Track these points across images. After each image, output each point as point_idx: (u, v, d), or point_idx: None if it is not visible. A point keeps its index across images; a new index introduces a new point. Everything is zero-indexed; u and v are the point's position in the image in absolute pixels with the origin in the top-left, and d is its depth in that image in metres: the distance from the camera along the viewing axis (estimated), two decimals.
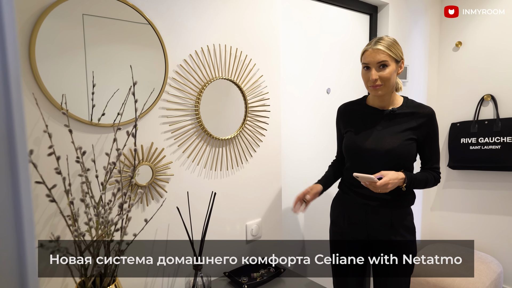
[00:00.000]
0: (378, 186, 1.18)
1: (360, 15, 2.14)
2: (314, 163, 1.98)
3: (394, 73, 1.27)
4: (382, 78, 1.25)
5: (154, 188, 1.22)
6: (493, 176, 2.48)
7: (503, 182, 2.43)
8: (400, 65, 1.29)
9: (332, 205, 1.52)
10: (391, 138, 1.29)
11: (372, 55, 1.25)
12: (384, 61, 1.24)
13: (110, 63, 1.11)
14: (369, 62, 1.26)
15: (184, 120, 1.27)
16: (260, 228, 1.58)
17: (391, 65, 1.25)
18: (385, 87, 1.27)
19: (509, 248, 2.44)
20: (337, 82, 2.05)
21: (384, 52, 1.23)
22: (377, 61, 1.24)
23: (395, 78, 1.29)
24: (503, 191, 2.44)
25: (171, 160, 1.26)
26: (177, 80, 1.24)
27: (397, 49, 1.27)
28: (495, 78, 2.40)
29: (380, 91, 1.28)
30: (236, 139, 1.45)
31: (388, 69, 1.24)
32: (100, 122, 1.09)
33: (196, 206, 1.34)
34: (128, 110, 1.11)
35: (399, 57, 1.27)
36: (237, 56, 1.41)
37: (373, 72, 1.25)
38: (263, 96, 1.52)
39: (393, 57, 1.25)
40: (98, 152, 1.07)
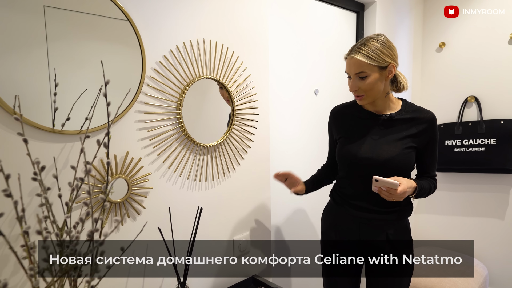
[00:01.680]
0: (398, 193, 1.07)
1: (347, 12, 2.05)
2: (303, 168, 1.86)
3: (378, 81, 1.13)
4: (362, 89, 1.13)
5: (130, 204, 1.05)
6: (477, 179, 2.46)
7: (488, 185, 2.42)
8: (390, 69, 1.14)
9: (323, 215, 1.40)
10: (389, 146, 1.18)
11: (349, 64, 1.14)
12: (362, 72, 1.11)
13: (76, 60, 0.93)
14: (348, 71, 1.15)
15: (164, 125, 1.11)
16: (248, 243, 1.44)
17: (372, 75, 1.11)
18: (368, 97, 1.16)
19: (494, 251, 2.43)
20: (325, 83, 1.94)
21: (361, 62, 1.10)
22: (354, 72, 1.13)
23: (380, 86, 1.15)
24: (488, 193, 2.42)
25: (150, 171, 1.09)
26: (156, 79, 1.07)
27: (384, 53, 1.11)
28: (478, 79, 2.38)
29: (364, 100, 1.17)
30: (223, 146, 1.30)
31: (368, 79, 1.11)
32: (65, 128, 0.91)
33: (179, 223, 1.18)
34: (98, 114, 0.94)
35: (386, 62, 1.12)
36: (223, 53, 1.26)
37: (352, 83, 1.14)
38: (251, 98, 1.38)
39: (375, 65, 1.11)
40: (61, 165, 0.89)
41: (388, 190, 1.08)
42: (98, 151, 0.87)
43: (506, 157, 2.24)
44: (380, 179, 1.07)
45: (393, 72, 1.16)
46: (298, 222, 1.87)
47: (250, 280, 1.40)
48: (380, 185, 1.08)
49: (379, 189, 1.10)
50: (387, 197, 1.10)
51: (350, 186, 1.26)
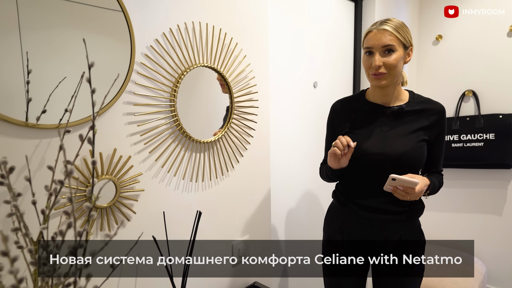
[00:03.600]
0: (416, 193, 0.98)
1: (345, 2, 1.95)
2: (300, 164, 1.76)
3: (401, 61, 1.06)
4: (387, 65, 1.03)
5: (118, 209, 0.91)
6: (475, 174, 2.42)
7: (486, 180, 2.37)
8: (409, 53, 1.09)
9: (326, 218, 1.28)
10: (401, 140, 1.08)
11: (376, 37, 1.03)
12: (391, 45, 1.02)
13: (53, 45, 0.79)
14: (373, 45, 1.04)
15: (156, 118, 0.98)
16: (248, 247, 1.32)
17: (399, 50, 1.04)
18: (389, 76, 1.05)
19: (492, 248, 2.39)
20: (323, 76, 1.84)
21: (391, 34, 1.02)
22: (382, 45, 1.02)
23: (401, 67, 1.08)
24: (486, 189, 2.38)
25: (141, 171, 0.96)
26: (146, 66, 0.94)
27: (406, 32, 1.06)
28: (476, 73, 2.33)
29: (384, 80, 1.06)
30: (221, 142, 1.17)
31: (394, 54, 1.03)
32: (40, 122, 0.77)
33: (174, 229, 1.05)
34: (80, 107, 0.80)
35: (408, 42, 1.06)
36: (221, 38, 1.13)
37: (376, 57, 1.03)
38: (250, 89, 1.25)
39: (402, 41, 1.04)
40: (36, 165, 0.74)
41: (405, 189, 0.99)
42: (81, 148, 0.73)
43: (505, 152, 2.20)
44: (398, 177, 0.97)
45: (411, 55, 1.10)
46: (299, 222, 1.77)
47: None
48: (397, 184, 0.98)
49: (394, 188, 1.00)
50: (402, 197, 1.01)
51: (358, 185, 1.16)
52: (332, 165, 1.09)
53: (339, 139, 1.04)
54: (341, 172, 1.15)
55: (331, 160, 1.08)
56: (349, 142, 1.02)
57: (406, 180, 0.97)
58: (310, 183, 1.81)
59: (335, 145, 1.04)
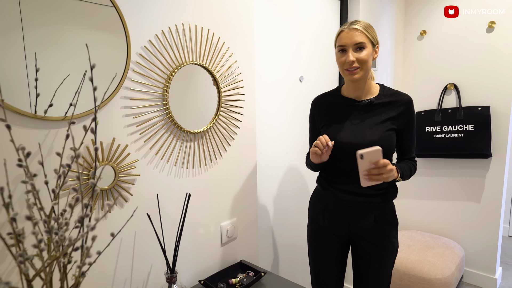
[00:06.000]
0: (385, 166, 1.08)
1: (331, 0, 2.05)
2: (287, 155, 1.88)
3: (371, 57, 1.21)
4: (360, 60, 1.17)
5: (117, 191, 1.03)
6: (456, 164, 2.55)
7: (466, 169, 2.50)
8: (376, 50, 1.24)
9: (310, 201, 1.43)
10: (371, 130, 1.22)
11: (348, 35, 1.17)
12: (362, 43, 1.17)
13: (58, 45, 0.90)
14: (346, 43, 1.18)
15: (150, 111, 1.10)
16: (236, 229, 1.45)
17: (368, 47, 1.19)
18: (362, 71, 1.20)
19: (470, 232, 2.53)
20: (310, 70, 1.95)
21: (362, 33, 1.17)
22: (354, 42, 1.17)
23: (371, 62, 1.22)
24: (465, 177, 2.51)
25: (137, 158, 1.08)
26: (141, 64, 1.06)
27: (373, 32, 1.21)
28: (458, 66, 2.45)
29: (357, 74, 1.20)
30: (209, 132, 1.30)
31: (365, 51, 1.18)
32: (47, 115, 0.89)
33: (167, 210, 1.18)
34: (83, 101, 0.92)
35: (375, 40, 1.22)
36: (209, 38, 1.25)
37: (350, 54, 1.17)
38: (237, 84, 1.37)
39: (370, 39, 1.19)
40: (46, 152, 0.87)
41: (377, 166, 1.09)
42: (85, 137, 0.85)
43: (483, 142, 2.32)
44: (363, 151, 1.07)
45: (377, 52, 1.24)
46: (285, 208, 1.90)
47: (238, 265, 1.41)
48: (366, 160, 1.08)
49: (368, 173, 1.11)
50: (379, 178, 1.11)
51: (336, 172, 1.30)
52: (315, 161, 1.22)
53: (319, 139, 1.16)
54: (323, 164, 1.29)
55: (313, 157, 1.21)
56: (328, 141, 1.15)
57: (370, 150, 1.07)
58: (296, 171, 1.94)
59: (316, 145, 1.17)
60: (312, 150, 1.19)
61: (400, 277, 2.21)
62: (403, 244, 2.46)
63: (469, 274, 2.56)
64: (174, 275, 1.07)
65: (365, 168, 1.10)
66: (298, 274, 2.04)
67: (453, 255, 2.31)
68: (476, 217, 2.50)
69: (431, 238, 2.54)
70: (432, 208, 2.71)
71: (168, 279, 1.07)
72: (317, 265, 1.40)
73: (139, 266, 1.11)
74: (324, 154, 1.18)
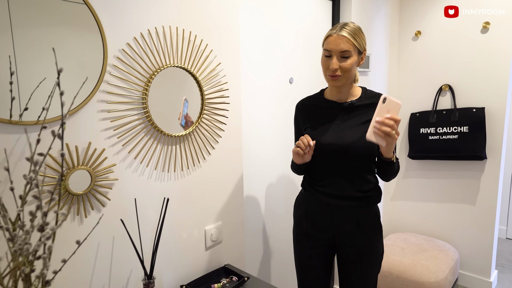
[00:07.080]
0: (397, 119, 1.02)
1: (322, 0, 2.03)
2: (278, 158, 1.86)
3: (355, 65, 1.20)
4: (343, 68, 1.16)
5: (93, 196, 1.02)
6: (451, 166, 2.52)
7: (460, 171, 2.48)
8: (362, 57, 1.22)
9: (295, 205, 1.42)
10: (351, 131, 1.21)
11: (336, 42, 1.15)
12: (347, 51, 1.15)
13: (34, 48, 0.89)
14: (332, 49, 1.16)
15: (129, 114, 1.08)
16: (221, 232, 1.43)
17: (354, 56, 1.17)
18: (344, 78, 1.19)
19: (465, 235, 2.51)
20: (300, 72, 1.93)
21: (349, 41, 1.14)
22: (340, 50, 1.15)
23: (354, 70, 1.22)
24: (460, 179, 2.49)
25: (114, 162, 1.07)
26: (119, 68, 1.04)
27: (362, 38, 1.18)
28: (452, 68, 2.42)
29: (339, 82, 1.20)
30: (192, 135, 1.28)
31: (350, 60, 1.16)
32: (23, 119, 0.88)
33: (146, 214, 1.16)
34: (58, 104, 0.91)
35: (363, 47, 1.20)
36: (191, 40, 1.23)
37: (334, 61, 1.15)
38: (221, 87, 1.36)
39: (357, 47, 1.17)
40: (17, 157, 0.85)
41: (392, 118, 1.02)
42: (53, 142, 0.84)
43: (478, 144, 2.30)
44: (388, 96, 1.03)
45: (363, 59, 1.23)
46: (274, 211, 1.88)
47: (222, 270, 1.40)
48: (387, 106, 1.03)
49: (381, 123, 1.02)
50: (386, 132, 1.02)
51: (319, 173, 1.29)
52: (297, 161, 1.21)
53: (301, 139, 1.16)
54: (306, 166, 1.28)
55: (295, 157, 1.20)
56: (309, 141, 1.14)
57: (394, 99, 1.03)
58: (286, 173, 1.92)
59: (298, 145, 1.16)
60: (294, 151, 1.19)
61: (392, 281, 2.19)
62: (397, 246, 2.43)
63: (464, 277, 2.53)
64: (152, 281, 1.06)
65: (380, 115, 1.03)
66: (288, 277, 2.02)
67: (447, 258, 2.28)
68: (471, 219, 2.47)
69: (426, 240, 2.52)
70: (426, 211, 2.68)
71: (145, 286, 1.05)
72: (302, 269, 1.39)
73: (117, 272, 1.10)
74: (306, 154, 1.19)
